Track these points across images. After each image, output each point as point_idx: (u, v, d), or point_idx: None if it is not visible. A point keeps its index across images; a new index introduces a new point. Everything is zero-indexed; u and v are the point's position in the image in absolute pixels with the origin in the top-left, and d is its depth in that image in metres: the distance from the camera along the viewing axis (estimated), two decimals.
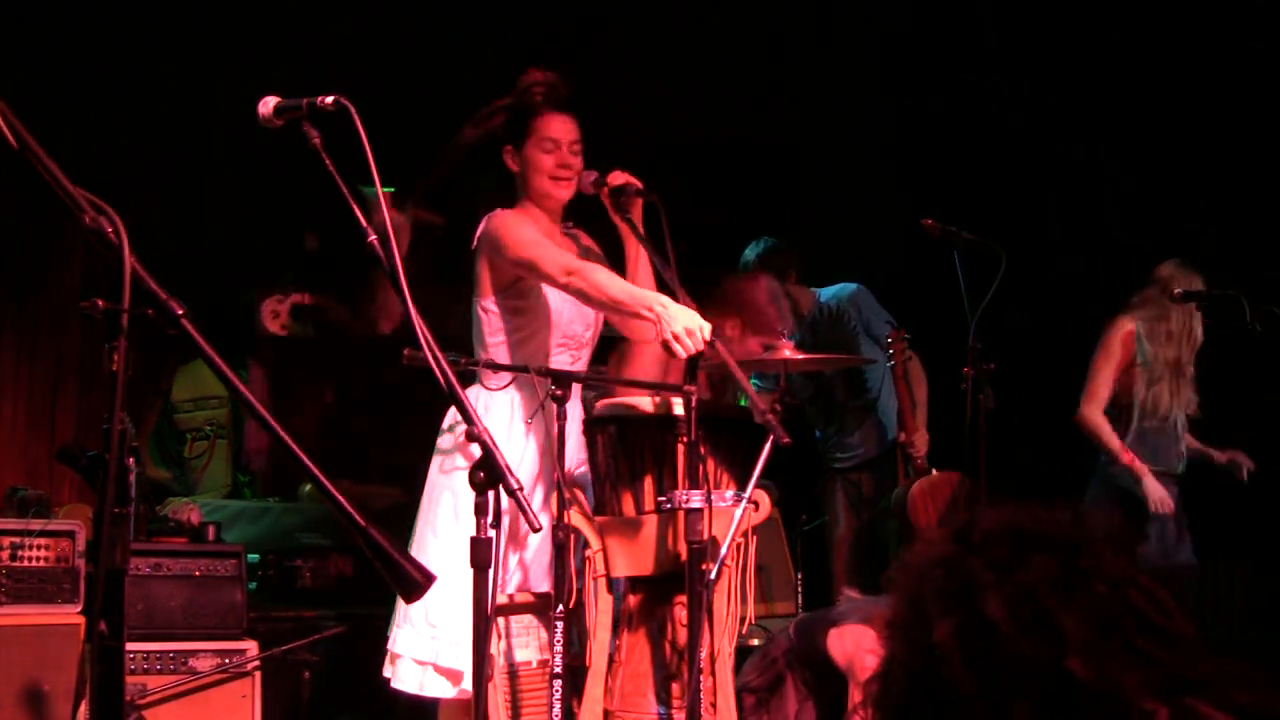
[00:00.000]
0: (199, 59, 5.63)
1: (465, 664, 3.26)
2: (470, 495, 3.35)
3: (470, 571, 3.27)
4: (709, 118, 6.78)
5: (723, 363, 3.30)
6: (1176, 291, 4.97)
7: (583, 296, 3.37)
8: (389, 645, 3.46)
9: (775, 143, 6.91)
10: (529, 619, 3.45)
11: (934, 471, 5.20)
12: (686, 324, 3.14)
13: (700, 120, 6.75)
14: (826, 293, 5.47)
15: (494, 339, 3.54)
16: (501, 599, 3.29)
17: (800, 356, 4.03)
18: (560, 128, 3.53)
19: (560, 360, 3.55)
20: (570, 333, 3.57)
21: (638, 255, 3.58)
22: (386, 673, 3.47)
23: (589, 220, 3.76)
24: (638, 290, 3.39)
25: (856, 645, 3.64)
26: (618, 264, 3.68)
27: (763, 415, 3.15)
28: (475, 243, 3.55)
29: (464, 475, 3.39)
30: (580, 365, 3.63)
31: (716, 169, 6.71)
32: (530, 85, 3.55)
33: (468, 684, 3.28)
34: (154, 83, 5.59)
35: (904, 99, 7.03)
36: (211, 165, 5.68)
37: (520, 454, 3.44)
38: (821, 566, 5.32)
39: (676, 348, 3.14)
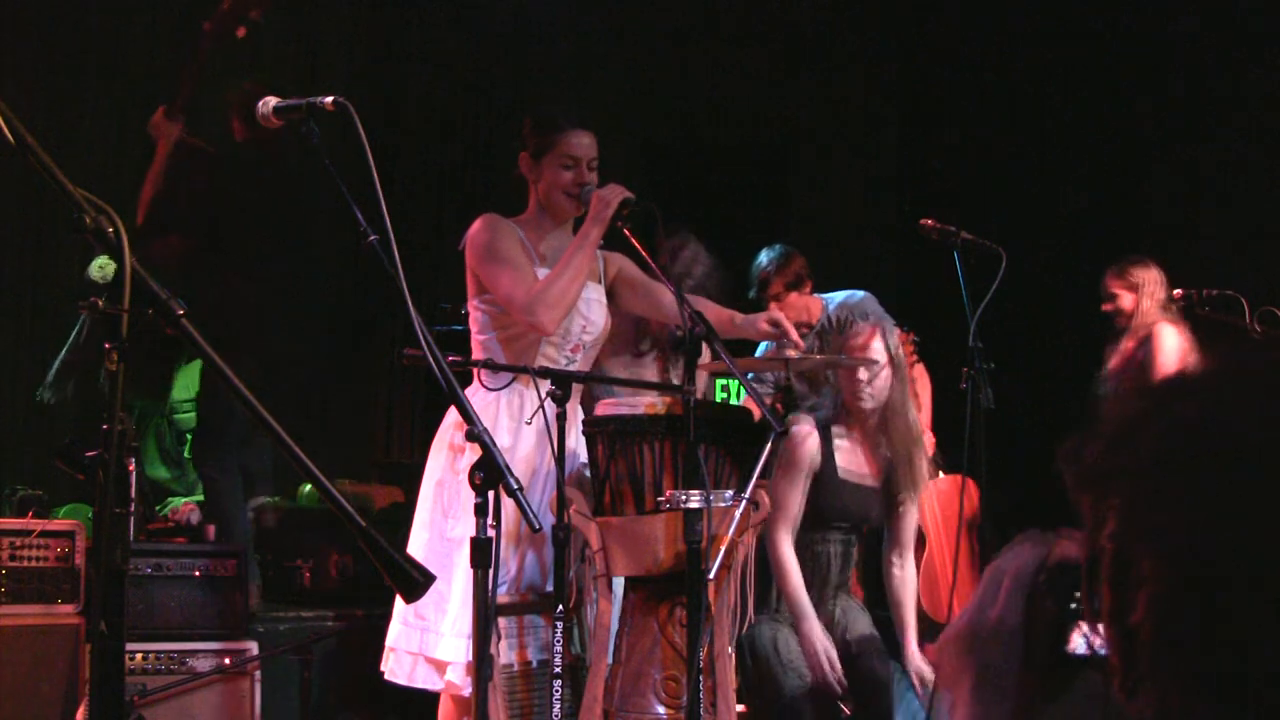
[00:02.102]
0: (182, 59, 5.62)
1: (452, 655, 3.32)
2: (458, 492, 3.38)
3: (457, 566, 3.30)
4: (707, 119, 6.78)
5: (723, 364, 3.30)
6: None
7: (562, 304, 3.42)
8: (386, 641, 3.50)
9: (773, 143, 6.91)
10: (530, 619, 3.45)
11: (940, 474, 5.19)
12: (610, 194, 3.36)
13: (698, 122, 6.76)
14: (833, 300, 5.45)
15: (485, 335, 3.57)
16: (502, 598, 3.30)
17: (801, 356, 4.03)
18: (581, 146, 3.54)
19: (555, 357, 3.55)
20: (561, 330, 3.56)
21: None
22: (383, 667, 3.50)
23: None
24: (576, 240, 3.49)
25: None
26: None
27: (763, 408, 3.17)
28: (460, 244, 3.58)
29: (453, 472, 3.42)
30: (579, 365, 3.63)
31: (714, 171, 6.71)
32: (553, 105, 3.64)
33: (453, 675, 3.33)
34: (140, 83, 5.58)
35: (903, 99, 7.03)
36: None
37: (520, 454, 3.45)
38: None
39: (610, 211, 3.34)
